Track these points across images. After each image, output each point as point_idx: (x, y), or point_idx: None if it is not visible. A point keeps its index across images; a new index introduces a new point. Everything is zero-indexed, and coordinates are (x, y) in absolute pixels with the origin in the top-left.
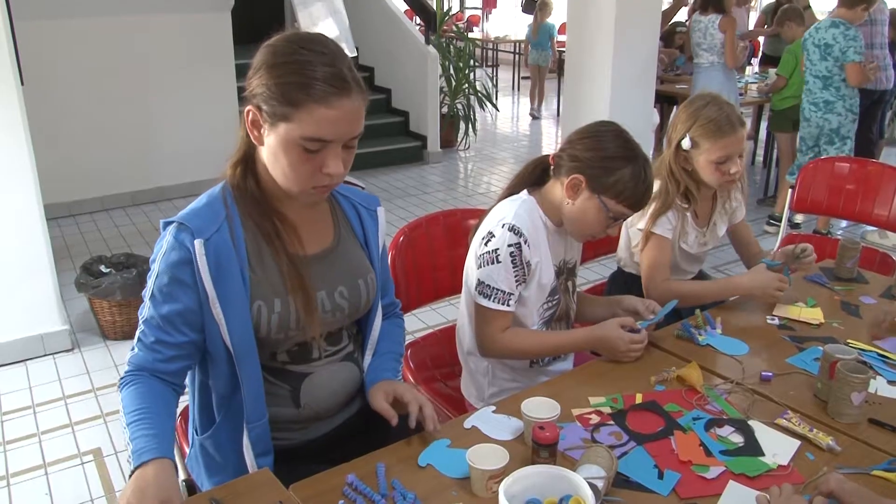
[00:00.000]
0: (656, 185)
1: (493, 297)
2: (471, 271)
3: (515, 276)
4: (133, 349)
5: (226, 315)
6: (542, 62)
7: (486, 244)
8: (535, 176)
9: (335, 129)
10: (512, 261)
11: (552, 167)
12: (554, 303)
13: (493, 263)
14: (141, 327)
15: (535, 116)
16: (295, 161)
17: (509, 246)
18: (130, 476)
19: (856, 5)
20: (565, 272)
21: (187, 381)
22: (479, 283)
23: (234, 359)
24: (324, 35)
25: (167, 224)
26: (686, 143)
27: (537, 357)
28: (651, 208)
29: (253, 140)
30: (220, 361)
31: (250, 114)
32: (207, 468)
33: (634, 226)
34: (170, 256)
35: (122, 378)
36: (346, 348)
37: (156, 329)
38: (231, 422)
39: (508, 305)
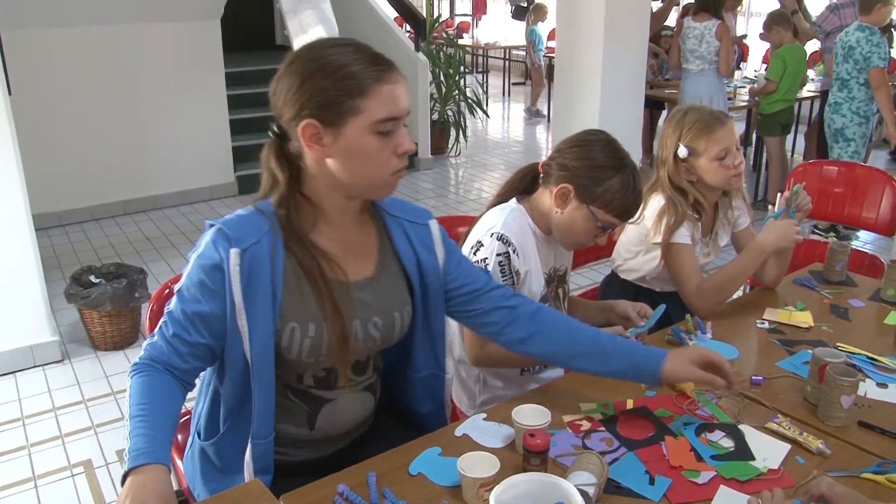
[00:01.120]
0: (660, 201)
1: None
2: None
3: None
4: (153, 337)
5: (250, 328)
6: (531, 64)
7: (474, 253)
8: (524, 184)
9: (401, 103)
10: (501, 270)
11: (541, 175)
12: None
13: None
14: (164, 318)
15: (527, 116)
16: (373, 151)
17: (498, 255)
18: (124, 478)
19: (872, 7)
20: (555, 280)
21: (202, 383)
22: None
23: (250, 373)
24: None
25: (211, 225)
26: (683, 152)
27: (527, 366)
28: (663, 223)
29: (314, 156)
30: (236, 373)
31: (308, 129)
32: (204, 473)
33: (637, 229)
34: (203, 259)
35: (134, 364)
36: (368, 379)
37: (176, 324)
38: (237, 434)
39: None
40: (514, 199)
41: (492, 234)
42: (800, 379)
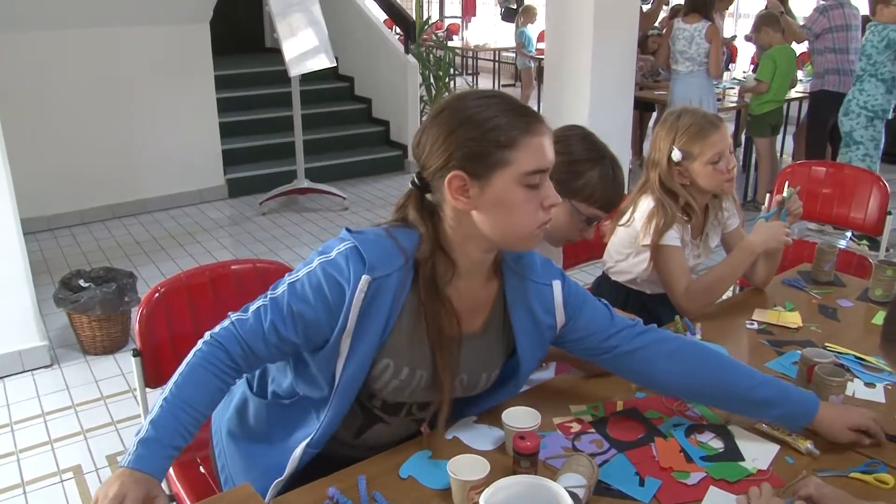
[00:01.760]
0: (650, 203)
1: None
2: None
3: None
4: (245, 312)
5: (350, 352)
6: (522, 65)
7: None
8: None
9: (549, 155)
10: None
11: None
12: None
13: None
14: (264, 301)
15: None
16: (520, 203)
17: None
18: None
19: (875, 6)
20: None
21: None
22: None
23: (333, 390)
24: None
25: (350, 234)
26: (677, 155)
27: None
28: (653, 225)
29: (459, 208)
30: (321, 379)
31: (455, 181)
32: (236, 422)
33: (627, 231)
34: (330, 267)
35: (211, 340)
36: (426, 417)
37: (277, 313)
38: (290, 414)
39: None
40: None
41: None
42: (789, 379)
